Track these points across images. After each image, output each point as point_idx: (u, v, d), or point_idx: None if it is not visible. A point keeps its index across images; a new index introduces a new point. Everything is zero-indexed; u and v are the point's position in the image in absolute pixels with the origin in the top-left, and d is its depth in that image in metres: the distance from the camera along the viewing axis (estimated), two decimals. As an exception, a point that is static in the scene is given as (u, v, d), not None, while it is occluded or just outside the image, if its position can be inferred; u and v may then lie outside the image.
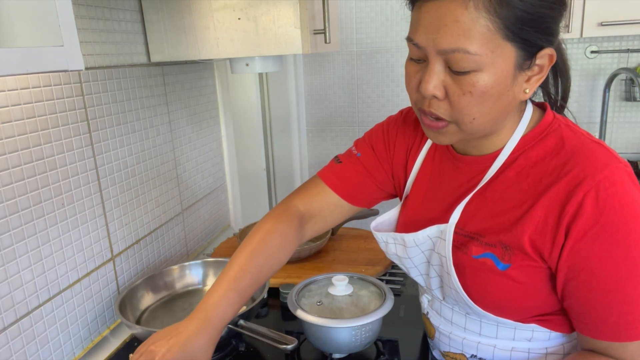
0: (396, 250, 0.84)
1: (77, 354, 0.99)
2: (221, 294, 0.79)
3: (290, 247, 0.89)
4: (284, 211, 0.90)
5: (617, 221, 0.64)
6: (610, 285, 0.65)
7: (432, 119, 0.70)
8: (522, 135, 0.73)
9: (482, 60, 0.62)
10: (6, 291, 0.82)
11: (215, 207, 1.62)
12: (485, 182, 0.75)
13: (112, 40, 1.08)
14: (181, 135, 1.37)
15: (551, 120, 0.73)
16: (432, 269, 0.81)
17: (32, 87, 0.86)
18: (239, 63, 1.22)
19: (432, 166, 0.85)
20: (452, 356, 0.86)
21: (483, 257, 0.73)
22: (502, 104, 0.67)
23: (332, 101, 2.25)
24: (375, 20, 2.11)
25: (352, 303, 0.93)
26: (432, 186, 0.84)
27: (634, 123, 2.04)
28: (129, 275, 1.15)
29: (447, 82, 0.66)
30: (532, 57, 0.65)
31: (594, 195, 0.64)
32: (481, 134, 0.72)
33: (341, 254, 1.36)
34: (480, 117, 0.67)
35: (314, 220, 0.92)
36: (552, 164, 0.69)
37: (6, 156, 0.81)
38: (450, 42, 0.62)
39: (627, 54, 1.95)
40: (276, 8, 1.07)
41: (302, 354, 0.97)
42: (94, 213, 1.02)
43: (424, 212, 0.84)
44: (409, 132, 0.89)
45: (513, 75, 0.65)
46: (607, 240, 0.64)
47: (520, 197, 0.71)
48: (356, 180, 0.91)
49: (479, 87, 0.64)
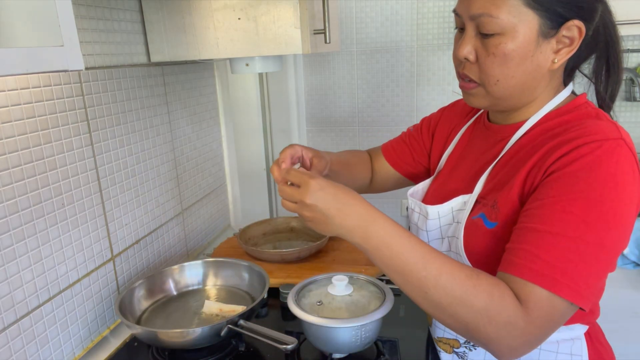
0: (417, 221, 0.89)
1: (77, 354, 0.99)
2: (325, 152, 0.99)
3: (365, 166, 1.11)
4: (358, 150, 1.16)
5: (595, 177, 0.64)
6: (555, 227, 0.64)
7: (466, 81, 0.78)
8: (549, 111, 0.77)
9: (505, 25, 0.70)
10: (6, 291, 0.82)
11: (215, 207, 1.62)
12: (505, 151, 0.78)
13: (112, 40, 1.08)
14: (181, 135, 1.37)
15: (581, 103, 0.76)
16: (444, 243, 0.83)
17: (32, 87, 0.86)
18: (239, 63, 1.22)
19: (468, 139, 0.91)
20: (445, 342, 0.87)
21: (477, 217, 0.76)
22: (525, 69, 0.72)
23: (332, 101, 2.25)
24: (375, 20, 2.11)
25: (352, 303, 0.93)
26: (463, 157, 0.90)
27: (634, 123, 2.04)
28: (129, 275, 1.15)
29: (477, 45, 0.74)
30: (558, 27, 0.70)
31: (584, 150, 0.65)
32: (510, 101, 0.76)
33: (341, 254, 1.36)
34: (504, 79, 0.73)
35: (374, 166, 1.13)
36: (558, 129, 0.72)
37: (6, 156, 0.81)
38: (478, 8, 0.71)
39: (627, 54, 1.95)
40: (276, 8, 1.07)
41: (302, 354, 0.97)
42: (94, 213, 1.02)
43: (451, 182, 0.88)
44: (457, 112, 0.99)
45: (536, 42, 0.70)
46: (576, 186, 0.64)
47: (523, 158, 0.73)
48: (399, 147, 1.09)
49: (501, 48, 0.71)
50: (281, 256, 1.30)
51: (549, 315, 0.63)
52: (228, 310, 1.04)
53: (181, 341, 0.93)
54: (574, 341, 0.79)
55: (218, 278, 1.18)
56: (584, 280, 0.63)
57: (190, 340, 0.92)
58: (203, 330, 0.90)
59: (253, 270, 1.13)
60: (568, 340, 0.78)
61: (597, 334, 0.84)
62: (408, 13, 2.08)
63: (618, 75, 0.79)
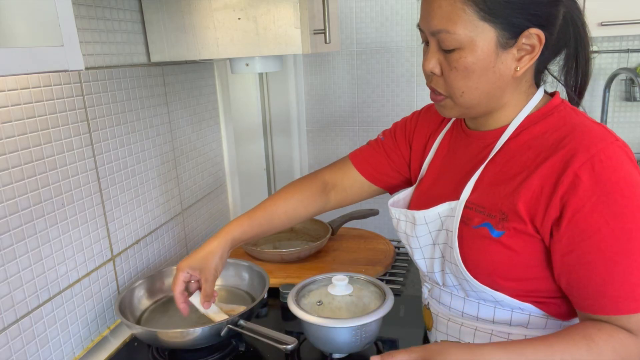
0: (405, 228, 0.88)
1: (77, 354, 0.99)
2: (235, 221, 0.99)
3: (311, 204, 1.04)
4: (310, 176, 1.07)
5: (614, 193, 0.66)
6: (608, 256, 0.67)
7: (435, 93, 0.79)
8: (528, 114, 0.78)
9: (463, 40, 0.71)
10: (6, 291, 0.82)
11: (215, 207, 1.62)
12: (491, 157, 0.78)
13: (112, 40, 1.08)
14: (181, 135, 1.37)
15: (558, 104, 0.78)
16: (436, 249, 0.83)
17: (32, 87, 0.86)
18: (239, 63, 1.22)
19: (448, 146, 0.90)
20: None
21: (481, 226, 0.76)
22: (488, 79, 0.73)
23: (332, 101, 2.25)
24: (375, 20, 2.11)
25: (352, 303, 0.93)
26: (445, 163, 0.89)
27: (634, 123, 2.04)
28: (129, 275, 1.15)
29: (441, 59, 0.75)
30: (516, 37, 0.71)
31: (590, 167, 0.67)
32: (479, 109, 0.78)
33: (341, 254, 1.36)
34: (468, 91, 0.75)
35: (336, 190, 1.05)
36: (552, 138, 0.73)
37: (6, 156, 0.81)
38: (436, 25, 0.72)
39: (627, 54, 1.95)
40: (276, 8, 1.07)
41: (302, 354, 0.97)
42: (94, 213, 1.02)
43: (436, 188, 0.88)
44: (432, 119, 0.97)
45: (496, 53, 0.71)
46: (605, 211, 0.66)
47: (520, 168, 0.74)
48: (374, 159, 1.02)
49: (462, 63, 0.72)
50: (281, 256, 1.30)
51: None
52: (228, 310, 1.04)
53: (181, 341, 0.93)
54: None
55: (218, 278, 1.18)
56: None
57: (190, 340, 0.92)
58: (203, 330, 0.90)
59: (253, 270, 1.13)
60: None
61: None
62: (408, 13, 2.08)
63: (586, 71, 0.80)
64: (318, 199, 1.04)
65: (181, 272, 0.94)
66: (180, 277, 0.94)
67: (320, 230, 1.44)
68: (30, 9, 0.60)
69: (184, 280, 0.95)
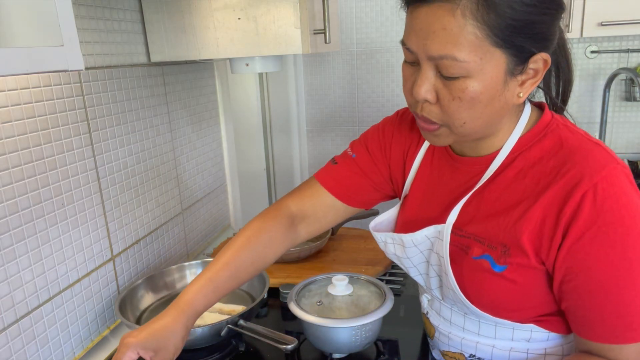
0: (395, 250, 0.84)
1: (77, 354, 0.99)
2: (197, 288, 0.81)
3: (279, 245, 0.90)
4: (274, 210, 0.91)
5: (614, 222, 0.64)
6: (607, 286, 0.65)
7: (426, 122, 0.71)
8: (520, 136, 0.73)
9: (471, 67, 0.63)
10: (6, 291, 0.82)
11: (215, 207, 1.62)
12: (483, 183, 0.75)
13: (112, 40, 1.08)
14: (181, 135, 1.37)
15: (549, 120, 0.73)
16: (431, 269, 0.81)
17: (32, 87, 0.85)
18: (239, 63, 1.22)
19: (431, 167, 0.85)
20: (450, 355, 0.86)
21: (481, 258, 0.73)
22: (493, 108, 0.67)
23: (332, 101, 2.25)
24: (375, 20, 2.11)
25: (352, 303, 0.93)
26: (430, 186, 0.84)
27: (634, 123, 2.04)
28: (129, 275, 1.15)
29: (438, 86, 0.66)
30: (525, 63, 0.65)
31: (592, 196, 0.64)
32: (475, 136, 0.72)
33: (341, 254, 1.36)
34: (471, 121, 0.67)
35: (307, 221, 0.92)
36: (550, 164, 0.69)
37: (6, 156, 0.81)
38: (438, 49, 0.63)
39: (627, 54, 1.95)
40: (276, 8, 1.07)
41: (302, 354, 0.97)
42: (94, 213, 1.02)
43: (423, 212, 0.84)
44: (406, 133, 0.89)
45: (504, 81, 0.65)
46: (605, 241, 0.64)
47: (519, 197, 0.71)
48: (351, 181, 0.90)
49: (468, 92, 0.64)
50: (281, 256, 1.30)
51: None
52: (228, 310, 1.04)
53: (181, 341, 0.93)
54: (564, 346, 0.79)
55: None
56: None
57: (190, 340, 0.92)
58: (203, 330, 0.90)
59: (253, 270, 1.13)
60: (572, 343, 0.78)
61: None
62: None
63: (570, 76, 0.76)
64: (287, 237, 0.90)
65: (128, 350, 0.73)
66: (128, 356, 0.73)
67: (320, 230, 1.44)
68: (30, 9, 0.60)
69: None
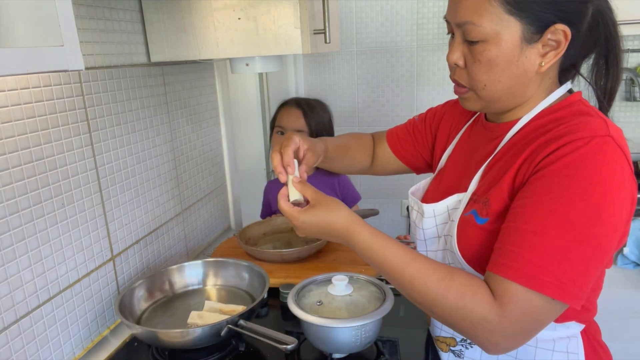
0: (415, 218, 0.90)
1: (77, 354, 0.99)
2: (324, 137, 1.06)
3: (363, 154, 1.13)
4: (363, 134, 1.17)
5: (584, 173, 0.64)
6: (537, 225, 0.65)
7: (458, 86, 0.80)
8: (543, 109, 0.77)
9: (488, 32, 0.71)
10: (6, 291, 0.82)
11: (215, 207, 1.62)
12: (498, 150, 0.79)
13: (112, 40, 1.08)
14: (181, 135, 1.37)
15: (574, 101, 0.76)
16: (441, 241, 0.84)
17: (32, 87, 0.86)
18: (239, 63, 1.22)
19: (469, 139, 0.91)
20: (442, 340, 0.87)
21: (469, 213, 0.77)
22: (511, 73, 0.73)
23: (332, 101, 2.25)
24: (375, 20, 2.11)
25: (352, 303, 0.93)
26: (462, 155, 0.90)
27: (634, 123, 2.04)
28: (129, 275, 1.15)
29: (465, 52, 0.76)
30: (542, 32, 0.70)
31: (573, 147, 0.66)
32: (501, 103, 0.78)
33: (341, 254, 1.36)
34: (491, 84, 0.75)
35: (375, 155, 1.14)
36: (549, 127, 0.73)
37: (6, 156, 0.81)
38: (462, 16, 0.73)
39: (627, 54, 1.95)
40: (276, 8, 1.07)
41: (302, 354, 0.97)
42: (94, 213, 1.02)
43: (448, 180, 0.90)
44: (459, 110, 0.99)
45: (520, 48, 0.71)
46: (560, 182, 0.65)
47: (515, 155, 0.74)
48: (402, 134, 1.10)
49: (486, 55, 0.72)
50: (281, 256, 1.30)
51: (525, 311, 0.65)
52: (228, 310, 1.04)
53: (181, 341, 0.93)
54: (570, 339, 0.79)
55: (218, 278, 1.18)
56: (568, 277, 0.64)
57: (190, 340, 0.92)
58: (203, 330, 0.90)
59: (253, 270, 1.13)
60: (564, 338, 0.79)
61: (595, 332, 0.85)
62: (408, 13, 2.08)
63: (617, 73, 0.78)
64: (370, 145, 1.15)
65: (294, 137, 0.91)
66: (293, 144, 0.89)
67: (320, 230, 1.44)
68: (30, 9, 0.60)
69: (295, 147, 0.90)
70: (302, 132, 1.55)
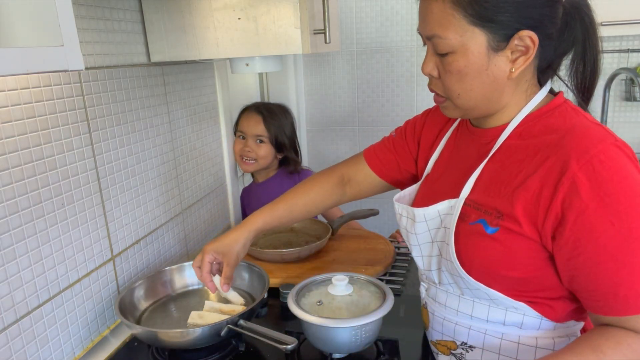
0: (406, 224, 0.89)
1: (77, 354, 0.99)
2: (258, 213, 1.05)
3: (328, 197, 1.09)
4: (328, 170, 1.12)
5: (616, 193, 0.66)
6: (616, 257, 0.67)
7: (437, 95, 0.81)
8: (529, 113, 0.77)
9: (454, 44, 0.72)
10: (6, 291, 0.82)
11: (215, 207, 1.62)
12: (491, 155, 0.79)
13: (112, 40, 1.08)
14: (181, 135, 1.37)
15: (560, 103, 0.77)
16: (434, 247, 0.84)
17: (32, 87, 0.86)
18: (239, 63, 1.22)
19: (454, 144, 0.91)
20: (443, 344, 0.87)
21: (477, 223, 0.77)
22: (482, 81, 0.74)
23: (332, 101, 2.26)
24: (375, 20, 2.11)
25: (352, 303, 0.93)
26: (449, 161, 0.90)
27: (634, 123, 2.04)
28: (129, 275, 1.15)
29: (437, 63, 0.77)
30: (507, 40, 0.71)
31: (590, 169, 0.67)
32: (478, 110, 0.78)
33: (341, 254, 1.36)
34: (464, 93, 0.76)
35: (351, 184, 1.10)
36: (550, 137, 0.73)
37: (6, 156, 0.81)
38: (429, 30, 0.74)
39: (627, 54, 1.95)
40: (276, 8, 1.07)
41: (302, 354, 0.97)
42: (94, 213, 1.02)
43: (439, 185, 0.89)
44: (441, 117, 0.97)
45: (487, 56, 0.72)
46: (609, 212, 0.66)
47: (518, 167, 0.74)
48: (383, 155, 1.06)
49: (455, 66, 0.73)
50: (281, 256, 1.30)
51: None
52: (228, 310, 1.04)
53: (181, 341, 0.93)
54: (570, 338, 0.79)
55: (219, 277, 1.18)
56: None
57: (190, 340, 0.92)
58: (203, 330, 0.90)
59: (253, 270, 1.13)
60: (564, 338, 0.79)
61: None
62: (408, 13, 2.08)
63: (594, 72, 0.78)
64: (335, 192, 1.09)
65: (207, 254, 1.00)
66: (206, 258, 1.00)
67: (320, 230, 1.44)
68: (30, 9, 0.60)
69: (209, 261, 1.01)
70: (262, 136, 1.61)
